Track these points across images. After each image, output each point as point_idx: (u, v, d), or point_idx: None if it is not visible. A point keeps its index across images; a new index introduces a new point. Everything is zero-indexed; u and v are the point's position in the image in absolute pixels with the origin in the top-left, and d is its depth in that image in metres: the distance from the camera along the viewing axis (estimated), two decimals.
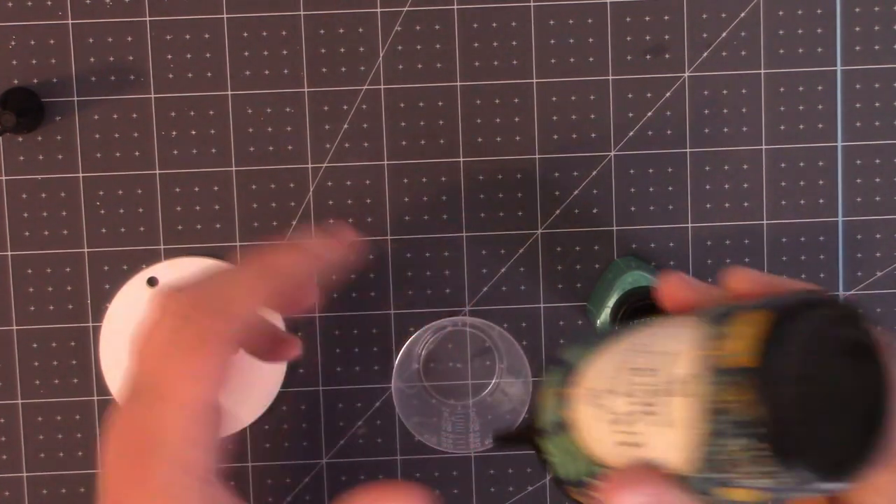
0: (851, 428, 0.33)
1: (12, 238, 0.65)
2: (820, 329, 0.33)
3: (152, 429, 0.39)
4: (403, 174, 0.65)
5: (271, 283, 0.45)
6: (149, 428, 0.40)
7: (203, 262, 0.65)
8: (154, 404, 0.40)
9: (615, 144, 0.65)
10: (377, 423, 0.65)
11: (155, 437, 0.39)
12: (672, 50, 0.64)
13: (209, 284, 0.44)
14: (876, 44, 0.64)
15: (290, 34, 0.64)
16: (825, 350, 0.33)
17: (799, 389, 0.32)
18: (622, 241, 0.65)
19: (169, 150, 0.65)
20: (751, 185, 0.65)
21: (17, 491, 0.65)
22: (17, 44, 0.64)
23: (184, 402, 0.39)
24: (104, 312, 0.65)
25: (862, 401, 0.33)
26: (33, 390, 0.65)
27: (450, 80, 0.64)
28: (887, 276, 0.65)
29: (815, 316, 0.33)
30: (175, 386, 0.40)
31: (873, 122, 0.65)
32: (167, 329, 0.42)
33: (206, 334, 0.41)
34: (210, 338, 0.41)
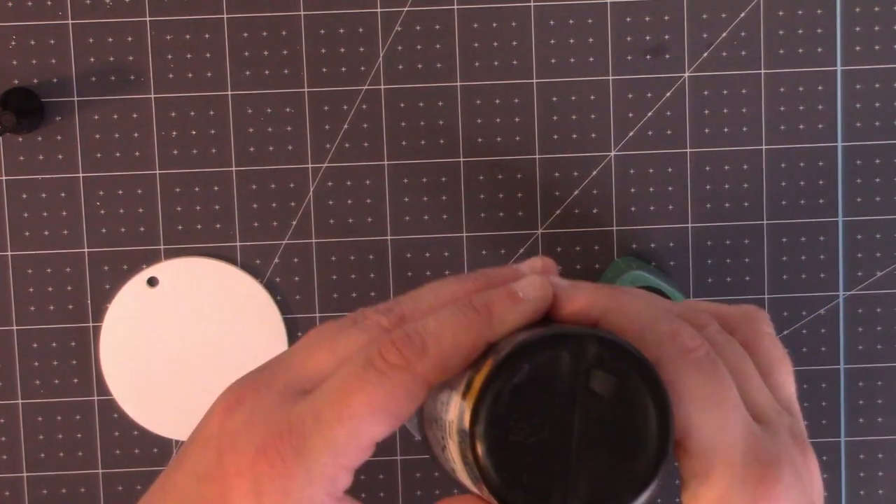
0: (607, 462, 0.32)
1: (12, 238, 0.65)
2: (541, 375, 0.32)
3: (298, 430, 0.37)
4: (403, 174, 0.65)
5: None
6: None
7: (203, 262, 0.65)
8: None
9: (615, 144, 0.65)
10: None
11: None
12: (672, 50, 0.64)
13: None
14: (876, 44, 0.64)
15: (290, 34, 0.64)
16: (547, 396, 0.32)
17: (506, 450, 0.32)
18: (622, 241, 0.65)
19: (169, 150, 0.65)
20: (751, 185, 0.65)
21: (17, 491, 0.65)
22: (17, 44, 0.64)
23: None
24: (104, 312, 0.65)
25: (617, 434, 0.32)
26: (33, 390, 0.65)
27: (450, 80, 0.64)
28: (887, 276, 0.65)
29: (534, 362, 0.32)
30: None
31: (873, 122, 0.65)
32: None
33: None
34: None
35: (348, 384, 0.35)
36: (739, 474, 0.34)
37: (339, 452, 0.35)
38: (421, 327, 0.36)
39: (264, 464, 0.35)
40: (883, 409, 0.66)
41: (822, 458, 0.66)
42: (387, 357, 0.35)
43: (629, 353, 0.33)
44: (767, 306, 0.65)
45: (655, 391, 0.33)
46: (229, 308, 0.65)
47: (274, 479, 0.35)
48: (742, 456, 0.34)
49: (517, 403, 0.32)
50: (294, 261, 0.65)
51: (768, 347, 0.39)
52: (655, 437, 0.32)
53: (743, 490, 0.34)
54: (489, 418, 0.32)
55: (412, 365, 0.35)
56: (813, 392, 0.66)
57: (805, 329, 0.65)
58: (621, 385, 0.33)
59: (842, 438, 0.66)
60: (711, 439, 0.34)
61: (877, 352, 0.66)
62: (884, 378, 0.66)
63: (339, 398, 0.35)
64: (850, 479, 0.66)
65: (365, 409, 0.35)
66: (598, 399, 0.33)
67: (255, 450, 0.35)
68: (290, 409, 0.36)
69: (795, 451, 0.36)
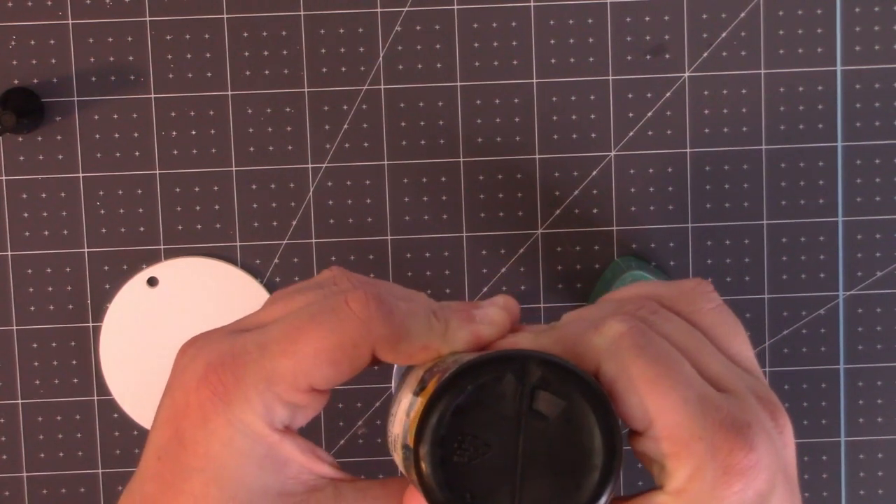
0: (553, 483, 0.32)
1: (12, 238, 0.65)
2: (485, 396, 0.32)
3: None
4: (403, 174, 0.65)
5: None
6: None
7: (203, 262, 0.65)
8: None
9: (615, 144, 0.65)
10: (377, 423, 0.65)
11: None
12: (672, 50, 0.64)
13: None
14: (876, 44, 0.64)
15: (290, 34, 0.64)
16: (491, 417, 0.32)
17: (449, 470, 0.32)
18: (622, 241, 0.65)
19: (169, 150, 0.65)
20: (751, 185, 0.65)
21: (17, 491, 0.65)
22: (17, 44, 0.64)
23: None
24: (104, 312, 0.65)
25: (563, 454, 0.32)
26: (33, 390, 0.65)
27: (450, 80, 0.64)
28: (887, 276, 0.65)
29: (478, 382, 0.32)
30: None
31: (873, 122, 0.65)
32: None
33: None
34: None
35: (301, 322, 0.36)
36: (709, 447, 0.33)
37: (275, 383, 0.35)
38: (392, 300, 0.36)
39: (206, 390, 0.35)
40: (883, 409, 0.66)
41: (821, 457, 0.66)
42: (352, 303, 0.35)
43: (572, 372, 0.33)
44: (767, 306, 0.65)
45: (600, 410, 0.32)
46: (229, 308, 0.65)
47: (216, 405, 0.35)
48: (707, 429, 0.33)
49: (461, 424, 0.32)
50: (294, 261, 0.65)
51: (716, 321, 0.38)
52: (602, 456, 0.32)
53: (714, 461, 0.33)
54: (432, 438, 0.32)
55: (372, 322, 0.35)
56: (813, 392, 0.66)
57: (805, 329, 0.65)
58: (566, 405, 0.32)
59: (842, 438, 0.66)
60: (672, 420, 0.33)
61: (877, 352, 0.66)
62: (884, 378, 0.66)
63: (288, 332, 0.35)
64: (850, 479, 0.66)
65: (311, 348, 0.35)
66: (543, 420, 0.32)
67: (198, 378, 0.36)
68: (235, 339, 0.36)
69: (764, 414, 0.35)
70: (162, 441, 0.36)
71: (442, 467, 0.32)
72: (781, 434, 0.36)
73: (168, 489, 0.36)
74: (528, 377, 0.33)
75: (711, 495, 0.33)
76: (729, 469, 0.33)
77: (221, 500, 0.35)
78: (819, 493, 0.66)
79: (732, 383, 0.36)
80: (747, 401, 0.35)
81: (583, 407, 0.32)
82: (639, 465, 0.36)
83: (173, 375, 0.38)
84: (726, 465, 0.33)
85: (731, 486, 0.33)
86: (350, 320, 0.35)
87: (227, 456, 0.35)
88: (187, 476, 0.35)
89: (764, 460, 0.34)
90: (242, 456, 0.35)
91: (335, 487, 0.37)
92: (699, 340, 0.37)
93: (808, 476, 0.66)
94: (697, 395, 0.34)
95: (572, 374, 0.33)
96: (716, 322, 0.38)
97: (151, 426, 0.38)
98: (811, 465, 0.66)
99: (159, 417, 0.37)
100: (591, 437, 0.32)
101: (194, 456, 0.35)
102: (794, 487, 0.36)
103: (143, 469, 0.37)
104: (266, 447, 0.35)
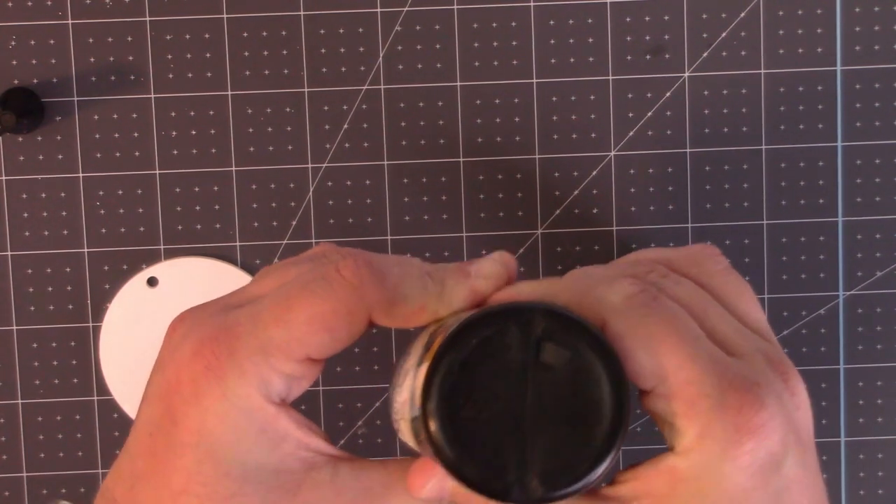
0: (562, 435, 0.32)
1: (12, 238, 0.65)
2: (490, 350, 0.32)
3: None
4: (403, 174, 0.65)
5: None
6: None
7: (203, 262, 0.65)
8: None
9: (615, 144, 0.65)
10: (377, 423, 0.65)
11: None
12: (672, 50, 0.64)
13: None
14: (876, 44, 0.64)
15: (290, 34, 0.64)
16: (498, 370, 0.32)
17: (458, 425, 0.32)
18: (622, 241, 0.65)
19: (169, 150, 0.65)
20: (751, 185, 0.65)
21: (17, 491, 0.65)
22: (17, 44, 0.64)
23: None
24: (104, 312, 0.65)
25: (571, 406, 0.32)
26: (33, 390, 0.65)
27: (450, 80, 0.64)
28: (887, 276, 0.65)
29: (483, 336, 0.32)
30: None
31: (873, 122, 0.65)
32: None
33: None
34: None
35: (293, 291, 0.35)
36: (717, 405, 0.33)
37: (271, 353, 0.35)
38: (384, 265, 0.36)
39: (199, 364, 0.35)
40: (883, 409, 0.66)
41: (822, 457, 0.66)
42: (342, 271, 0.35)
43: (577, 322, 0.32)
44: (767, 306, 0.65)
45: (607, 361, 0.32)
46: None
47: (210, 380, 0.34)
48: (716, 387, 0.33)
49: (467, 379, 0.32)
50: None
51: (723, 281, 0.38)
52: (610, 408, 0.32)
53: (724, 420, 0.33)
54: (440, 394, 0.32)
55: (364, 287, 0.35)
56: (813, 392, 0.65)
57: (805, 329, 0.65)
58: (572, 356, 0.32)
59: (842, 438, 0.66)
60: (681, 377, 0.33)
61: (877, 352, 0.66)
62: (884, 378, 0.66)
63: (280, 301, 0.35)
64: (850, 479, 0.66)
65: (304, 316, 0.35)
66: (550, 371, 0.32)
67: (191, 353, 0.35)
68: (227, 314, 0.36)
69: (773, 375, 0.35)
70: (153, 417, 0.36)
71: (451, 423, 0.32)
72: (793, 396, 0.35)
73: (160, 465, 0.35)
74: (532, 329, 0.32)
75: (723, 454, 0.33)
76: (739, 427, 0.33)
77: (216, 476, 0.34)
78: None
79: (742, 345, 0.35)
80: (756, 362, 0.35)
81: (589, 358, 0.32)
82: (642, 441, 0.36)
83: (164, 352, 0.37)
84: (736, 422, 0.33)
85: (743, 444, 0.33)
86: (342, 287, 0.35)
87: (222, 431, 0.34)
88: (180, 452, 0.35)
89: (776, 419, 0.33)
90: (237, 430, 0.35)
91: (333, 466, 0.36)
92: (708, 302, 0.37)
93: None
94: (705, 354, 0.34)
95: (577, 325, 0.32)
96: (723, 283, 0.38)
97: (141, 403, 0.37)
98: None
99: (149, 394, 0.36)
100: (598, 387, 0.32)
101: (187, 431, 0.35)
102: (810, 450, 0.36)
103: (132, 446, 0.36)
104: (262, 421, 0.35)
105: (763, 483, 0.33)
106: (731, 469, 0.33)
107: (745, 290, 0.38)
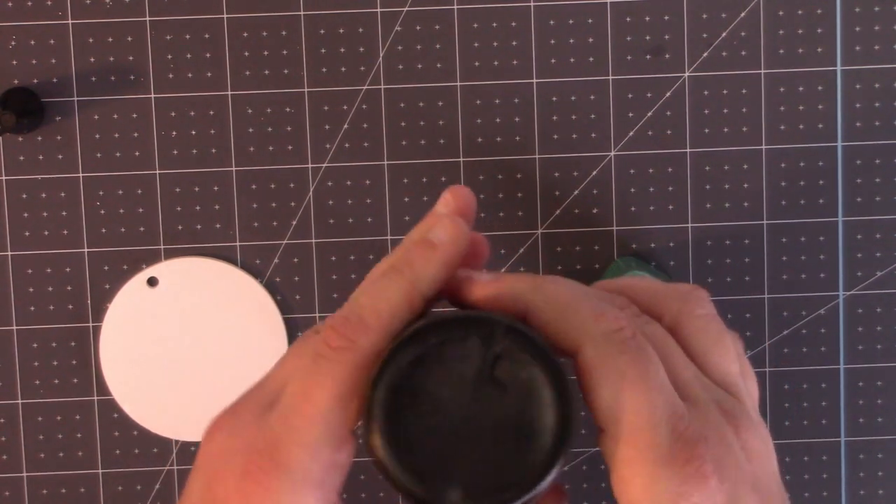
0: (500, 454, 0.32)
1: (12, 238, 0.65)
2: (441, 358, 0.32)
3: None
4: (403, 174, 0.65)
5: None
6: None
7: (203, 262, 0.65)
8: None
9: (615, 144, 0.65)
10: None
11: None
12: (672, 50, 0.64)
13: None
14: (876, 44, 0.64)
15: (290, 34, 0.64)
16: (446, 380, 0.32)
17: (399, 433, 0.32)
18: (622, 241, 0.65)
19: (169, 150, 0.65)
20: (751, 185, 0.65)
21: (17, 491, 0.65)
22: (17, 44, 0.64)
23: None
24: (104, 312, 0.65)
25: (514, 426, 0.32)
26: (33, 390, 0.65)
27: (450, 80, 0.64)
28: (887, 276, 0.65)
29: (438, 341, 0.32)
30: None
31: (873, 122, 0.65)
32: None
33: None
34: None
35: (305, 382, 0.35)
36: (665, 456, 0.33)
37: (317, 451, 0.35)
38: (356, 305, 0.36)
39: (250, 484, 0.35)
40: (883, 409, 0.66)
41: (822, 457, 0.66)
42: (330, 343, 0.35)
43: (539, 347, 0.32)
44: (767, 306, 0.65)
45: (557, 387, 0.32)
46: (229, 308, 0.65)
47: (262, 497, 0.35)
48: (667, 437, 0.33)
49: (420, 377, 0.32)
50: (294, 261, 0.65)
51: (702, 326, 0.37)
52: (551, 434, 0.32)
53: (670, 472, 0.33)
54: (388, 384, 0.32)
55: (357, 342, 0.35)
56: (813, 392, 0.66)
57: (805, 329, 0.65)
58: (525, 379, 0.32)
59: (842, 438, 0.66)
60: (637, 422, 0.33)
61: (877, 352, 0.66)
62: (884, 378, 0.66)
63: (300, 399, 0.35)
64: (850, 479, 0.66)
65: (327, 399, 0.35)
66: (499, 389, 0.32)
67: (239, 473, 0.35)
68: (262, 424, 0.36)
69: (727, 427, 0.35)
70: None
71: (394, 417, 0.32)
72: (747, 446, 0.35)
73: None
74: (493, 344, 0.32)
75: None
76: (686, 480, 0.33)
77: None
78: (819, 493, 0.66)
79: (697, 394, 0.35)
80: (709, 413, 0.35)
81: (540, 380, 0.32)
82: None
83: (205, 462, 0.37)
84: (681, 475, 0.33)
85: (689, 497, 0.33)
86: (340, 356, 0.35)
87: None
88: None
89: (725, 472, 0.33)
90: None
91: None
92: (671, 347, 0.37)
93: (808, 476, 0.66)
94: (666, 402, 0.34)
95: (538, 349, 0.32)
96: (701, 328, 0.38)
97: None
98: (811, 465, 0.66)
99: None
100: (544, 415, 0.32)
101: None
102: (776, 496, 0.35)
103: None
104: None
105: None
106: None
107: (723, 339, 0.38)
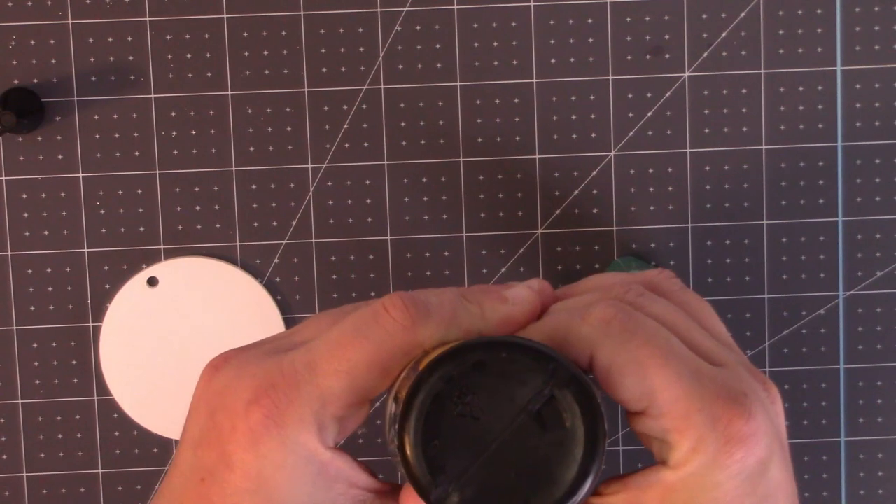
0: (522, 482, 0.32)
1: (12, 238, 0.65)
2: (492, 369, 0.32)
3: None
4: (403, 174, 0.65)
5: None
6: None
7: (203, 262, 0.65)
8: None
9: (615, 144, 0.65)
10: (377, 423, 0.65)
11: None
12: (672, 50, 0.64)
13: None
14: (876, 44, 0.64)
15: (290, 34, 0.64)
16: (500, 389, 0.32)
17: (430, 442, 0.32)
18: (622, 241, 0.65)
19: (169, 150, 0.65)
20: (751, 185, 0.65)
21: (17, 491, 0.65)
22: (17, 44, 0.64)
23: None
24: (104, 312, 0.65)
25: (540, 462, 0.32)
26: (33, 390, 0.65)
27: (450, 80, 0.64)
28: (887, 276, 0.65)
29: (445, 370, 0.32)
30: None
31: (873, 122, 0.65)
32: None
33: None
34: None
35: (346, 337, 0.35)
36: (709, 418, 0.34)
37: (332, 403, 0.35)
38: (425, 297, 0.36)
39: (258, 413, 0.35)
40: (883, 409, 0.66)
41: (821, 457, 0.66)
42: (392, 313, 0.35)
43: (591, 401, 0.32)
44: (767, 306, 0.65)
45: (591, 449, 0.32)
46: (229, 308, 0.65)
47: (269, 428, 0.35)
48: (705, 400, 0.34)
49: (465, 385, 0.32)
50: (294, 261, 0.65)
51: (685, 300, 0.38)
52: (565, 488, 0.32)
53: (715, 431, 0.34)
54: (431, 388, 0.32)
55: (416, 325, 0.35)
56: (813, 392, 0.66)
57: (805, 329, 0.65)
58: (566, 425, 0.32)
59: (842, 438, 0.66)
60: (671, 394, 0.34)
61: (877, 352, 0.66)
62: (884, 378, 0.66)
63: (335, 350, 0.35)
64: (850, 479, 0.66)
65: (363, 363, 0.35)
66: (539, 426, 0.32)
67: (247, 401, 0.35)
68: (280, 359, 0.36)
69: (757, 384, 0.36)
70: (206, 463, 0.36)
71: (436, 407, 0.32)
72: (773, 403, 0.36)
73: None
74: (555, 385, 0.32)
75: (714, 465, 0.34)
76: (731, 438, 0.34)
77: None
78: (819, 493, 0.66)
79: (723, 357, 0.36)
80: (740, 372, 0.36)
81: (580, 439, 0.32)
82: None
83: (207, 393, 0.37)
84: (728, 434, 0.34)
85: (733, 454, 0.34)
86: (396, 329, 0.35)
87: (280, 477, 0.35)
88: (238, 498, 0.35)
89: (762, 427, 0.34)
90: (295, 476, 0.35)
91: (380, 500, 0.37)
92: (686, 318, 0.37)
93: (808, 476, 0.66)
94: (691, 369, 0.35)
95: (591, 408, 0.32)
96: (685, 302, 0.39)
97: (184, 446, 0.37)
98: (811, 465, 0.66)
99: (196, 437, 0.37)
100: (569, 467, 0.32)
101: (244, 478, 0.35)
102: (788, 454, 0.37)
103: (181, 492, 0.37)
104: (318, 466, 0.35)
105: (752, 489, 0.34)
106: (722, 478, 0.34)
107: (706, 306, 0.39)
